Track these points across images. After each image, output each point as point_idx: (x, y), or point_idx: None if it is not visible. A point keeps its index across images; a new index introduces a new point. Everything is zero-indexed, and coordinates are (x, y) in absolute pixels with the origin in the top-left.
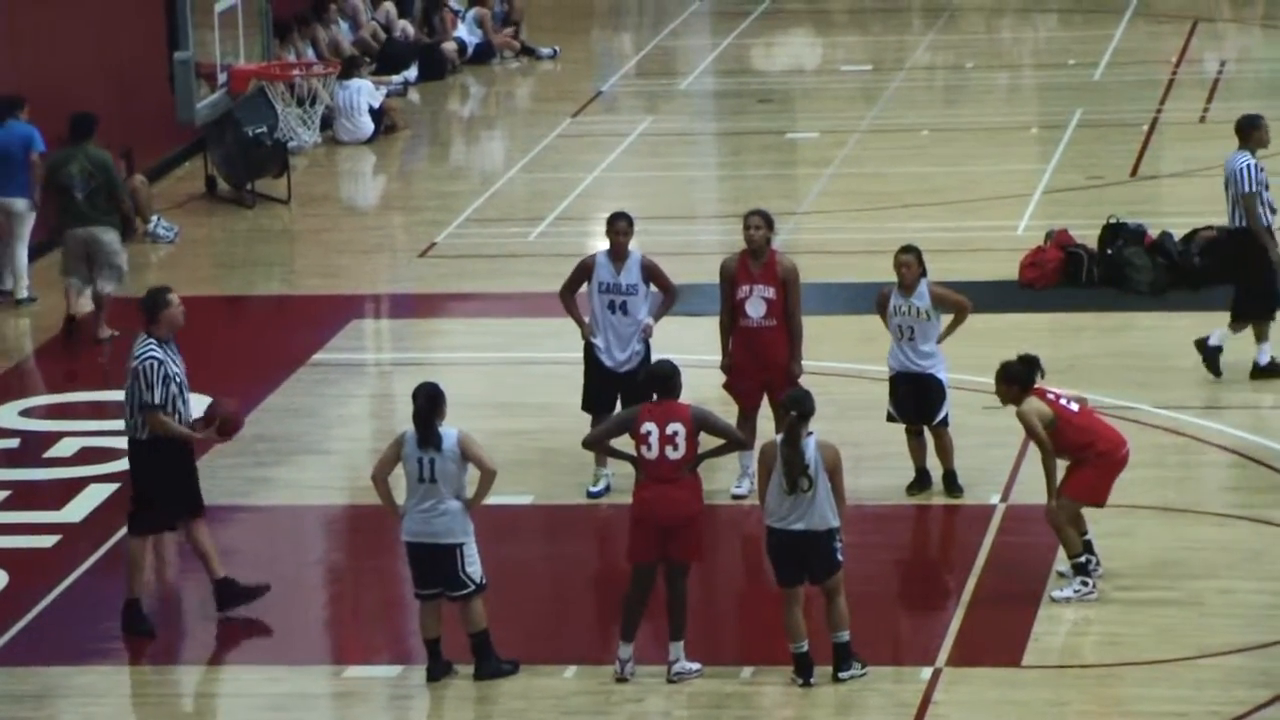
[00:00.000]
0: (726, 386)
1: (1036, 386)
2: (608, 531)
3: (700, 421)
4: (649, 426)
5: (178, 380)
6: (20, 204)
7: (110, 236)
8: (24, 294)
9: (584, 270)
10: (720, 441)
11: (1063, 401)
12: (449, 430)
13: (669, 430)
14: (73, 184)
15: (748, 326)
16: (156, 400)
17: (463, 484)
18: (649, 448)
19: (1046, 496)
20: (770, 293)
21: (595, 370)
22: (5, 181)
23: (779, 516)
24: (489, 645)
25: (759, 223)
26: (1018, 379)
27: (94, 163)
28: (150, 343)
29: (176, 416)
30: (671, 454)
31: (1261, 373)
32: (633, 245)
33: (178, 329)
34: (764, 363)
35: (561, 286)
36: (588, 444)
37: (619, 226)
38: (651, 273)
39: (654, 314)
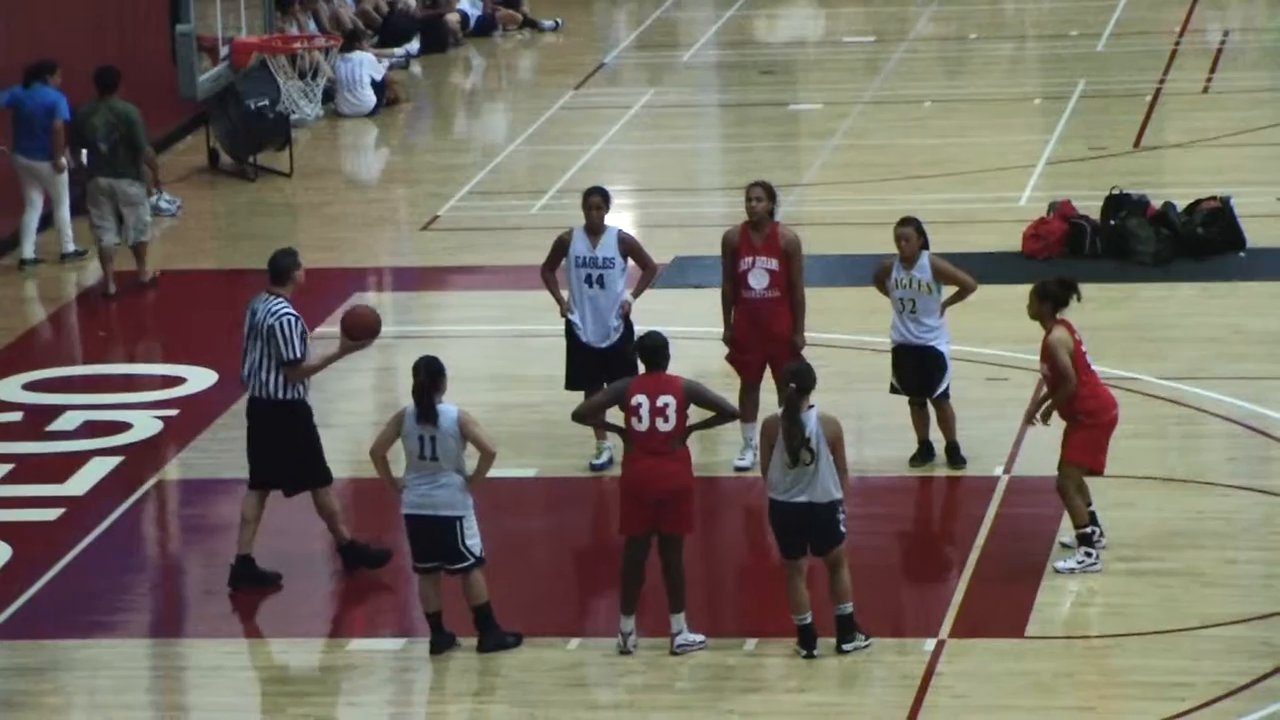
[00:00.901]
0: (729, 359)
1: (1065, 319)
2: (610, 504)
3: (691, 393)
4: (640, 399)
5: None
6: (45, 167)
7: (135, 189)
8: (69, 248)
9: (561, 246)
10: (711, 414)
11: (1084, 347)
12: (448, 407)
13: (660, 402)
14: (96, 136)
15: (750, 298)
16: (299, 354)
17: (463, 460)
18: (640, 420)
19: (1042, 413)
20: (773, 264)
21: (575, 347)
22: (30, 144)
23: (781, 489)
24: (491, 618)
25: (760, 194)
26: (1051, 297)
27: (118, 116)
28: (281, 299)
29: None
30: (662, 426)
31: None
32: (611, 220)
33: (298, 289)
34: (767, 335)
35: (542, 263)
36: (578, 417)
37: (594, 201)
38: (629, 247)
39: (634, 290)
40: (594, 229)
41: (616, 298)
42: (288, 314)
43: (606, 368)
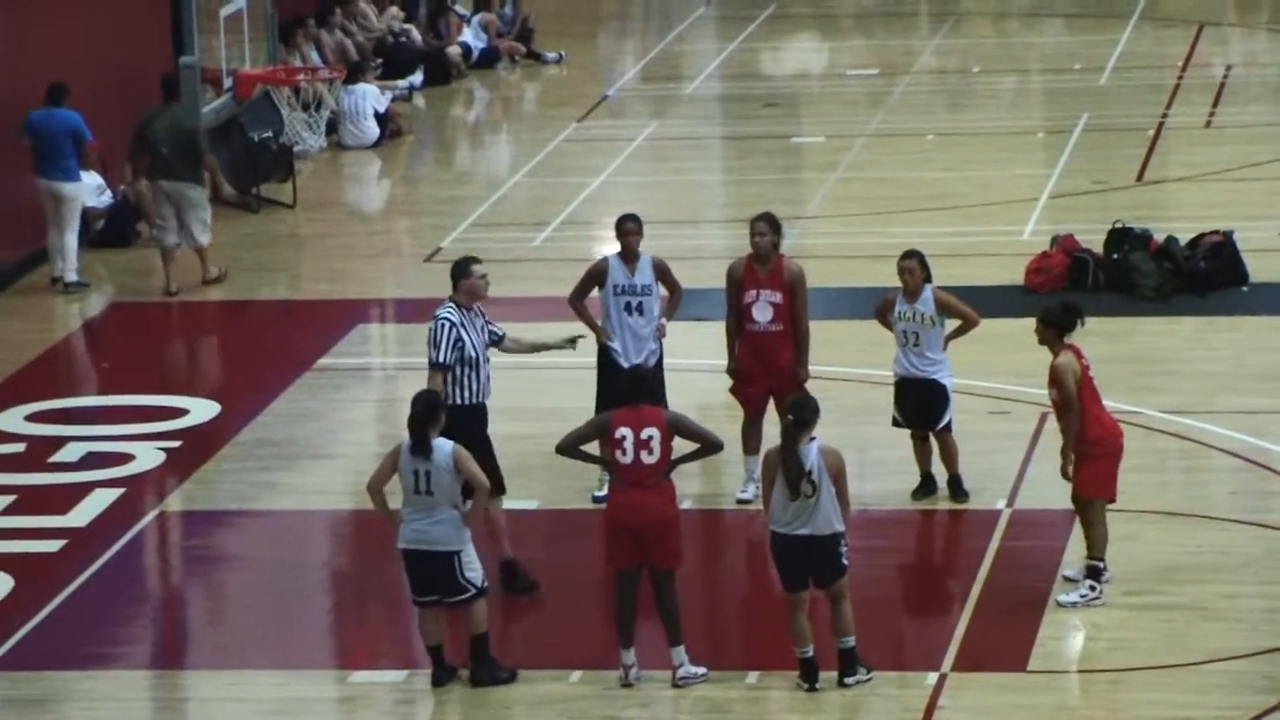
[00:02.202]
0: (733, 390)
1: (1071, 344)
2: None
3: (675, 425)
4: (624, 431)
5: (473, 348)
6: (67, 188)
7: (194, 192)
8: (72, 277)
9: (596, 275)
10: (696, 445)
11: (1091, 373)
12: (443, 442)
13: (644, 435)
14: (158, 140)
15: (754, 331)
16: (441, 359)
17: (458, 495)
18: (624, 453)
19: (1063, 455)
20: (777, 297)
21: (613, 373)
22: (50, 166)
23: (783, 522)
24: (487, 650)
25: (764, 229)
26: (1057, 323)
27: (179, 121)
28: (450, 306)
29: (463, 384)
30: (647, 459)
31: None
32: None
33: (478, 299)
34: (770, 368)
35: (572, 292)
36: (561, 449)
37: (628, 228)
38: (662, 273)
39: (666, 314)
40: (630, 256)
41: (653, 322)
42: (444, 320)
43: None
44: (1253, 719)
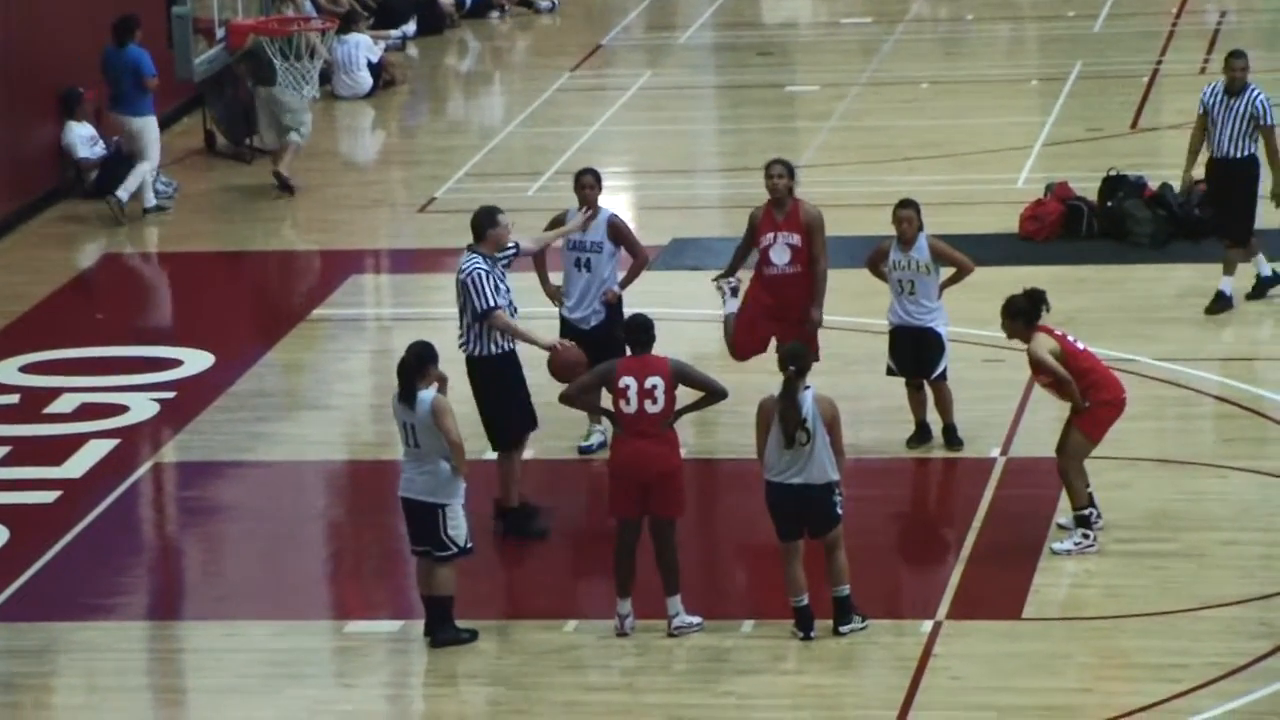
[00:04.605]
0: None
1: (1042, 324)
2: (604, 486)
3: (679, 374)
4: (627, 380)
5: (508, 295)
6: (134, 122)
7: (289, 96)
8: (151, 202)
9: (556, 226)
10: (700, 394)
11: (1070, 339)
12: (425, 395)
13: (648, 384)
14: (260, 49)
15: (771, 274)
16: (492, 302)
17: (446, 448)
18: (628, 402)
19: (1067, 429)
20: (794, 239)
21: (564, 331)
22: (116, 101)
23: (777, 470)
24: (450, 613)
25: (780, 171)
26: (1022, 313)
27: (251, 58)
28: (476, 257)
29: (493, 334)
30: (650, 408)
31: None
32: (607, 202)
33: (501, 249)
34: (781, 313)
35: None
36: (565, 399)
37: (586, 181)
38: (619, 233)
39: (621, 282)
40: (586, 210)
41: (602, 282)
42: (477, 269)
43: (593, 350)
44: (1247, 664)
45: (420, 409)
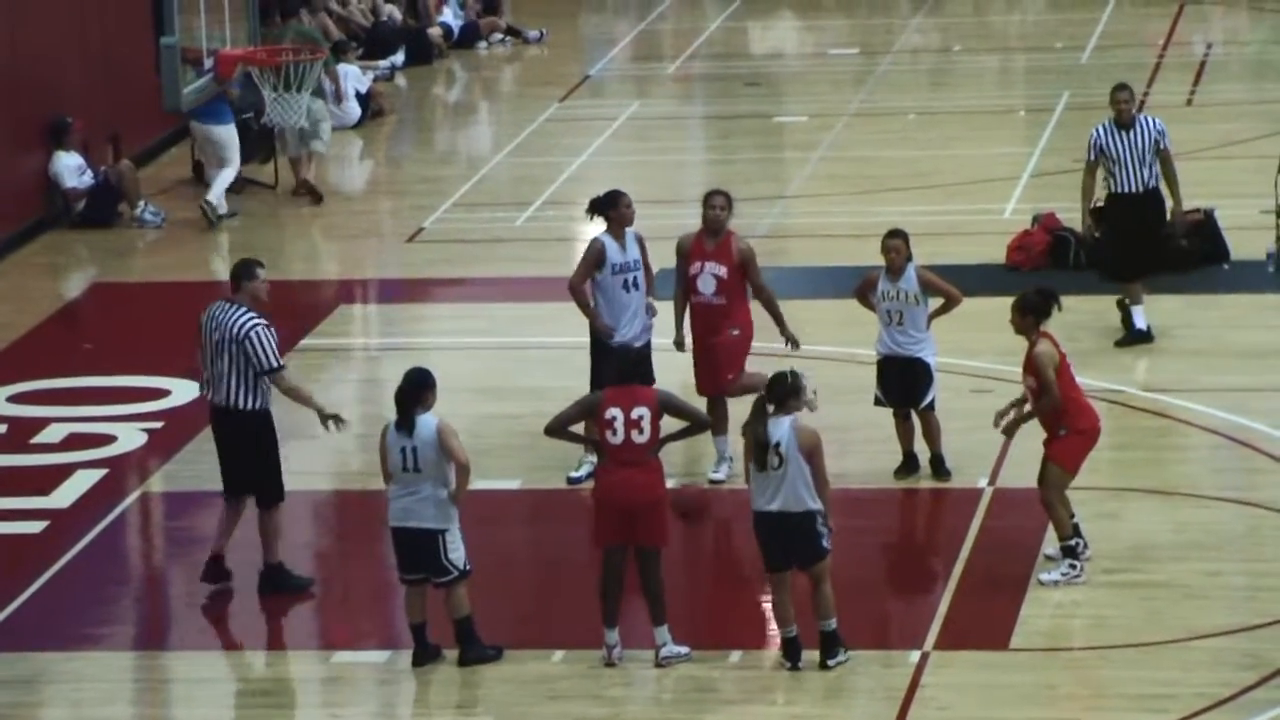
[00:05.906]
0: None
1: (1047, 332)
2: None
3: (665, 404)
4: (614, 412)
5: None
6: (216, 130)
7: (315, 104)
8: (222, 210)
9: (595, 257)
10: (686, 424)
11: (1068, 360)
12: (428, 418)
13: (634, 414)
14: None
15: (698, 302)
16: (279, 363)
17: (446, 473)
18: (614, 433)
19: (1016, 422)
20: (722, 270)
21: (606, 353)
22: (202, 113)
23: (756, 496)
24: (473, 631)
25: (723, 202)
26: (1034, 309)
27: (301, 36)
28: (246, 309)
29: None
30: (637, 438)
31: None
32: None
33: (260, 303)
34: (710, 340)
35: (573, 276)
36: (550, 430)
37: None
38: (643, 248)
39: (650, 293)
40: (618, 234)
41: (644, 298)
42: (259, 324)
43: (642, 365)
44: (1234, 695)
45: (424, 432)
